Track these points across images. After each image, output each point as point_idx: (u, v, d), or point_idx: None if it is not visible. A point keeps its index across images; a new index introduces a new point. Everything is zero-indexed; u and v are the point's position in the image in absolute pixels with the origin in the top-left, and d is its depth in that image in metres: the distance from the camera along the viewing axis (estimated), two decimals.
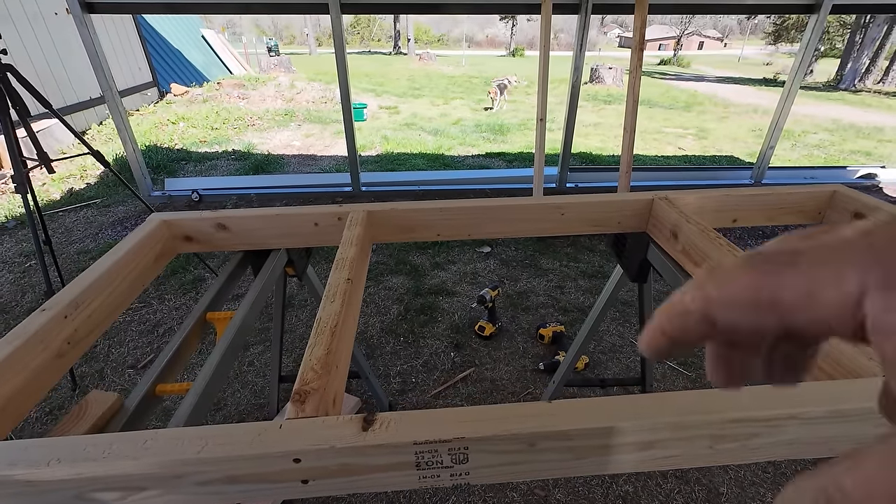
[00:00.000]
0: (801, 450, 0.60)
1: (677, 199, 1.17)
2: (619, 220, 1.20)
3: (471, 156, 5.60)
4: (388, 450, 0.54)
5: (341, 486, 0.57)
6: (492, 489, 1.58)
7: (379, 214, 1.13)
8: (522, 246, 3.23)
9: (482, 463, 0.56)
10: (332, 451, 0.53)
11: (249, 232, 1.14)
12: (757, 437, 0.58)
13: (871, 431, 0.58)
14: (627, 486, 1.59)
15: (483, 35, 63.43)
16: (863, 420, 0.57)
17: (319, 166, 5.08)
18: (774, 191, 1.22)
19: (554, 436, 0.55)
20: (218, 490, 0.55)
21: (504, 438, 0.54)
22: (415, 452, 0.55)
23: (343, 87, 3.36)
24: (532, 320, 2.43)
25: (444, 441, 0.54)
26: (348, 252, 0.93)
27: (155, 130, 5.90)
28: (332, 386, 0.66)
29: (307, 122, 6.95)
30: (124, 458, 0.52)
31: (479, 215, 1.16)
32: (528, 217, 1.18)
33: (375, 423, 0.56)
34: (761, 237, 3.47)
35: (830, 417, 0.56)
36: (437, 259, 3.03)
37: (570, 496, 1.56)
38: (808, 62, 3.44)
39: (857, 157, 5.96)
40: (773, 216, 1.24)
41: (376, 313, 2.48)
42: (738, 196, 1.22)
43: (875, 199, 1.13)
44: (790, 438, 0.58)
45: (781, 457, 0.60)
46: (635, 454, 0.58)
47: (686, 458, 0.59)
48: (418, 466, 0.56)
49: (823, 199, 1.21)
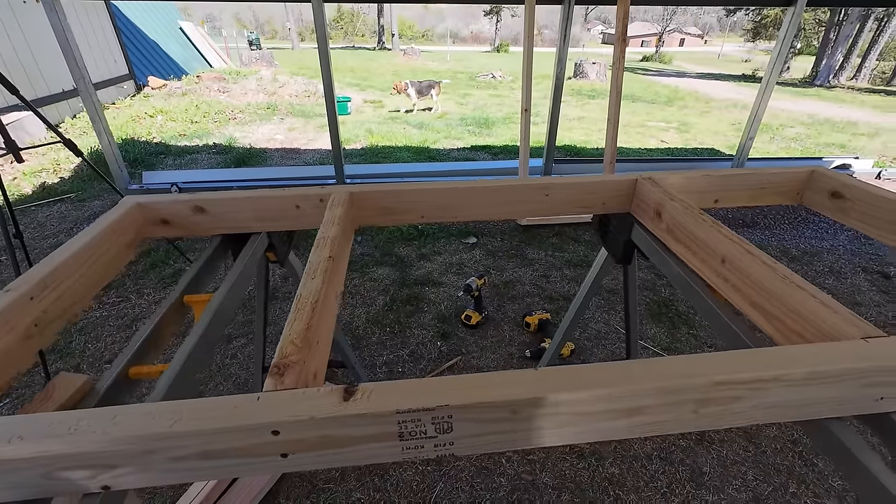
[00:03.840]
0: (782, 413, 0.60)
1: (661, 179, 1.17)
2: (603, 201, 1.20)
3: (456, 149, 5.58)
4: (370, 420, 0.53)
5: (322, 460, 0.56)
6: (479, 475, 1.58)
7: (361, 196, 1.11)
8: (508, 236, 3.24)
9: (466, 433, 0.55)
10: (312, 423, 0.52)
11: (228, 215, 1.11)
12: (740, 401, 0.58)
13: (845, 393, 0.59)
14: (613, 469, 1.61)
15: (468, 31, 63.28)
16: (840, 382, 0.58)
17: (303, 159, 5.00)
18: (755, 171, 1.24)
19: (538, 403, 0.54)
20: (193, 466, 0.53)
21: (488, 406, 0.53)
22: (398, 422, 0.53)
23: (326, 78, 3.30)
24: (518, 309, 2.43)
25: (428, 409, 0.53)
26: (330, 231, 0.91)
27: (132, 124, 5.73)
28: (312, 360, 0.64)
29: (290, 115, 6.84)
30: (92, 435, 0.50)
31: (462, 197, 1.15)
32: (513, 199, 1.17)
33: (357, 394, 0.54)
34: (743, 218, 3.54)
35: (810, 379, 0.57)
36: (422, 250, 3.02)
37: (557, 479, 1.57)
38: (786, 55, 3.51)
39: (832, 150, 6.11)
40: (754, 196, 1.25)
41: (362, 304, 2.45)
42: (720, 177, 1.23)
43: (851, 177, 1.15)
44: (772, 401, 0.59)
45: (763, 420, 0.61)
46: (623, 420, 0.58)
47: (672, 424, 0.59)
48: (401, 437, 0.55)
49: (802, 179, 1.23)
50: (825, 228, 3.52)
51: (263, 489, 1.50)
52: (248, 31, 20.27)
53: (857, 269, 2.93)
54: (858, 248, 3.24)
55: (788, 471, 1.60)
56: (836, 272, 2.91)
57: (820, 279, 2.85)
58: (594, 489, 1.54)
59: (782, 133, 7.17)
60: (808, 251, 3.17)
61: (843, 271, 2.92)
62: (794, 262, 3.03)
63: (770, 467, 1.62)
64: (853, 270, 2.92)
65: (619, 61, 3.13)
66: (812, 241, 3.32)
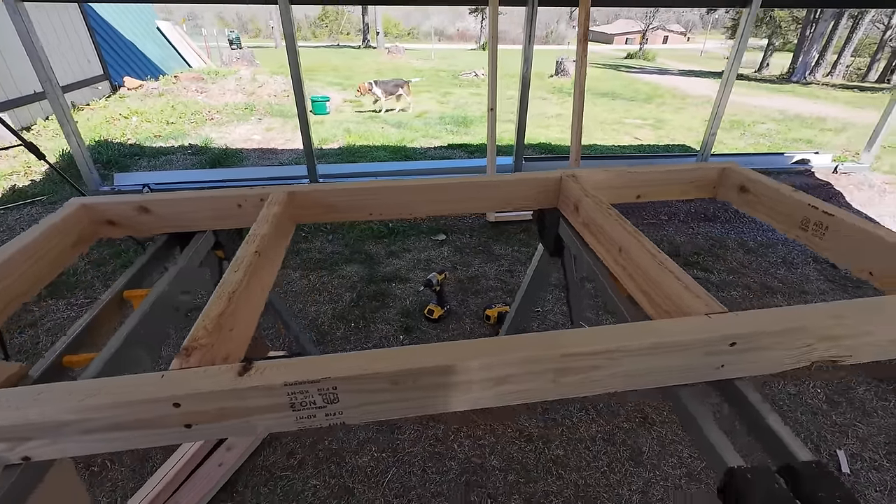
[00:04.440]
0: (635, 381, 0.69)
1: (584, 176, 1.26)
2: (535, 197, 1.28)
3: (433, 147, 5.65)
4: (262, 392, 0.60)
5: (224, 430, 0.63)
6: (431, 459, 1.66)
7: (301, 195, 1.18)
8: (477, 233, 3.32)
9: (352, 402, 0.63)
10: (210, 396, 0.59)
11: (173, 214, 1.16)
12: (597, 370, 0.66)
13: (688, 362, 0.67)
14: (558, 451, 1.70)
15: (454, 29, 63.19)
16: (682, 351, 0.66)
17: (279, 160, 5.03)
18: (674, 168, 1.33)
19: (414, 373, 0.62)
20: (104, 437, 0.60)
21: (366, 377, 0.61)
22: (287, 393, 0.60)
23: (295, 79, 3.34)
24: (481, 303, 2.51)
25: (313, 381, 0.60)
26: (261, 229, 0.98)
27: (106, 125, 5.69)
28: (223, 345, 0.71)
29: (268, 115, 6.85)
30: (10, 410, 0.56)
31: (409, 195, 1.21)
32: (453, 197, 1.25)
33: (252, 370, 0.61)
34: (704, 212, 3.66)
35: (654, 349, 0.65)
36: (392, 248, 3.08)
37: (505, 462, 1.65)
38: (743, 53, 3.64)
39: (799, 145, 6.31)
40: (673, 191, 1.35)
41: (329, 301, 2.52)
42: (642, 173, 1.32)
43: (757, 173, 1.24)
44: (625, 370, 0.67)
45: (620, 387, 0.69)
46: (492, 389, 0.66)
47: (536, 392, 0.67)
48: (293, 407, 0.62)
49: (715, 175, 1.32)
50: None
51: (220, 481, 1.56)
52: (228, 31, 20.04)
53: (808, 260, 3.07)
54: None
55: None
56: (788, 263, 3.04)
57: (773, 269, 2.98)
58: (539, 469, 1.63)
59: (753, 129, 7.36)
60: (764, 243, 3.30)
61: (795, 262, 3.06)
62: (750, 254, 3.16)
63: None
64: (804, 261, 3.06)
65: (582, 61, 3.22)
66: (769, 233, 3.45)
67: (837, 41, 18.97)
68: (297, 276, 2.74)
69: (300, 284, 2.67)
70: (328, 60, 18.65)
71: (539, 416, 1.84)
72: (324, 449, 1.70)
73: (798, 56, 19.08)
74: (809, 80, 17.85)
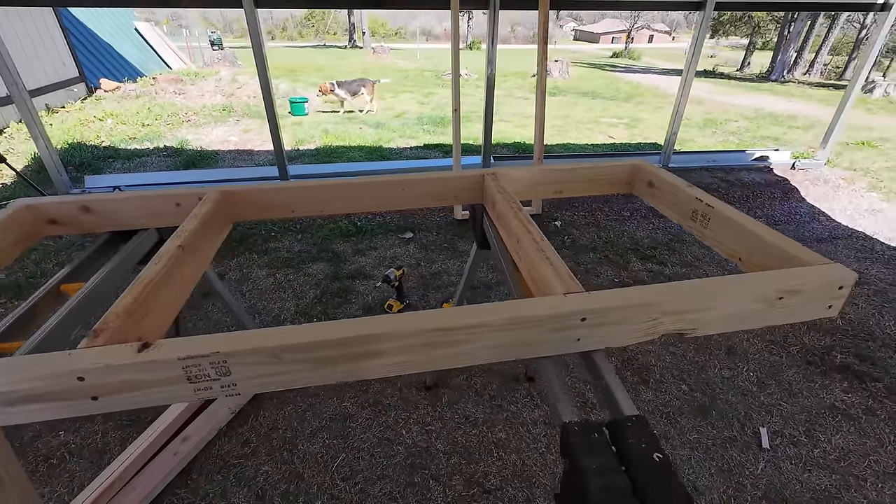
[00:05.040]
0: (503, 353, 0.78)
1: (504, 174, 1.35)
2: (455, 194, 1.38)
3: (409, 147, 5.73)
4: (158, 365, 0.68)
5: (128, 402, 0.71)
6: (380, 445, 1.75)
7: (236, 194, 1.26)
8: (444, 230, 3.41)
9: (243, 375, 0.71)
10: (110, 369, 0.67)
11: (113, 213, 1.24)
12: (463, 344, 0.76)
13: (547, 336, 0.76)
14: (501, 434, 1.79)
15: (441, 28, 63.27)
16: (537, 326, 0.75)
17: (255, 161, 5.07)
18: (591, 166, 1.43)
19: (293, 348, 0.70)
20: (23, 409, 0.68)
21: (251, 351, 0.69)
22: (182, 367, 0.69)
23: (263, 80, 3.40)
24: (440, 297, 2.61)
25: (204, 355, 0.68)
26: (188, 225, 1.05)
27: (80, 127, 5.68)
28: (134, 329, 0.79)
29: (247, 116, 6.87)
30: None
31: (328, 193, 1.30)
32: (374, 195, 1.33)
33: (151, 347, 0.70)
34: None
35: (512, 324, 0.74)
36: (359, 245, 3.16)
37: (450, 445, 1.75)
38: (699, 54, 3.78)
39: (766, 142, 6.50)
40: (591, 187, 1.45)
41: (293, 297, 2.59)
42: (561, 171, 1.42)
43: (662, 170, 1.35)
44: (490, 343, 0.76)
45: (490, 359, 0.78)
46: (370, 361, 0.75)
47: (412, 364, 0.76)
48: (189, 380, 0.70)
49: (629, 171, 1.43)
50: None
51: (174, 470, 1.63)
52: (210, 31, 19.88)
53: None
54: None
55: (654, 429, 1.82)
56: None
57: (725, 262, 3.11)
58: (481, 452, 1.72)
59: (725, 127, 7.56)
60: None
61: None
62: (704, 248, 3.28)
63: None
64: None
65: (542, 64, 3.33)
66: None
67: (815, 40, 19.42)
68: (264, 275, 2.81)
69: (266, 283, 2.74)
70: (314, 60, 18.63)
71: (486, 402, 1.94)
72: (278, 438, 1.78)
73: (777, 55, 19.48)
74: (787, 78, 18.24)
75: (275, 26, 43.15)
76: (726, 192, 4.09)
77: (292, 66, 15.72)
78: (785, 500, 1.56)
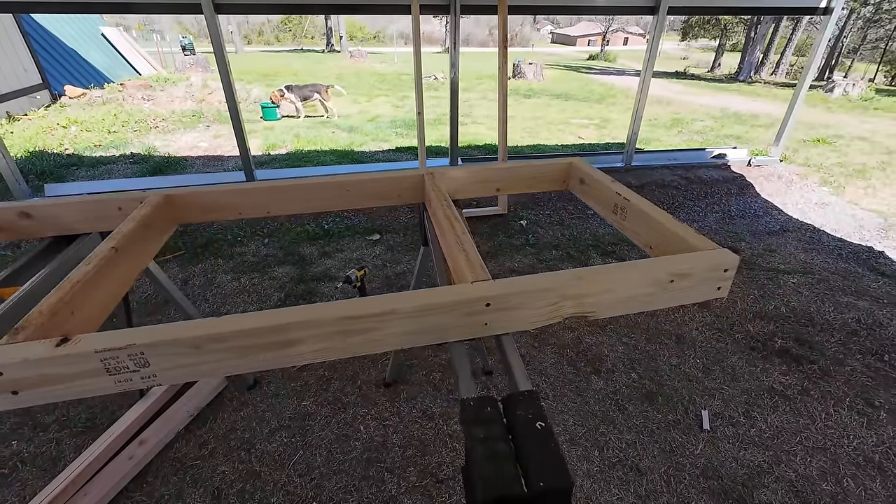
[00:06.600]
0: (416, 338, 0.83)
1: (443, 173, 1.41)
2: (398, 194, 1.43)
3: (381, 150, 5.77)
4: (75, 359, 0.71)
5: (50, 395, 0.74)
6: (337, 441, 1.78)
7: (178, 197, 1.28)
8: (411, 232, 3.46)
9: (162, 365, 0.75)
10: (28, 364, 0.70)
11: (53, 219, 1.25)
12: (375, 331, 0.81)
13: (456, 321, 0.82)
14: (456, 426, 1.85)
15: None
16: (447, 312, 0.81)
17: (224, 167, 5.04)
18: (528, 164, 1.50)
19: (213, 338, 0.74)
20: None
21: (168, 342, 0.73)
22: (101, 359, 0.72)
23: (226, 84, 3.40)
24: None
25: (121, 348, 0.72)
26: (124, 227, 1.08)
27: (42, 135, 5.55)
28: (59, 327, 0.82)
29: (217, 122, 6.80)
30: None
31: (272, 195, 1.34)
32: (318, 196, 1.38)
33: (69, 342, 0.73)
34: None
35: (419, 312, 0.80)
36: (326, 248, 3.19)
37: (405, 439, 1.79)
38: (657, 56, 3.92)
39: (729, 140, 6.74)
40: (530, 185, 1.52)
41: (256, 301, 2.60)
42: (499, 169, 1.49)
43: (591, 167, 1.43)
44: (401, 330, 0.82)
45: (404, 345, 0.84)
46: (289, 350, 0.79)
47: (331, 351, 0.81)
48: (108, 372, 0.74)
49: (564, 170, 1.50)
50: (697, 211, 3.96)
51: (130, 473, 1.64)
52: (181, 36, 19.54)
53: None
54: (721, 228, 3.69)
55: (603, 416, 1.90)
56: None
57: None
58: (436, 444, 1.77)
59: (690, 127, 7.80)
60: None
61: None
62: None
63: (589, 414, 1.91)
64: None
65: (503, 67, 3.42)
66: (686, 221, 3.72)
67: (780, 41, 20.14)
68: (229, 279, 2.81)
69: (231, 287, 2.74)
70: (290, 65, 18.49)
71: (444, 396, 1.99)
72: (236, 438, 1.80)
73: (744, 56, 20.13)
74: (755, 78, 18.86)
75: (251, 31, 42.68)
76: (686, 189, 4.24)
77: (267, 70, 15.59)
78: (721, 476, 1.65)
